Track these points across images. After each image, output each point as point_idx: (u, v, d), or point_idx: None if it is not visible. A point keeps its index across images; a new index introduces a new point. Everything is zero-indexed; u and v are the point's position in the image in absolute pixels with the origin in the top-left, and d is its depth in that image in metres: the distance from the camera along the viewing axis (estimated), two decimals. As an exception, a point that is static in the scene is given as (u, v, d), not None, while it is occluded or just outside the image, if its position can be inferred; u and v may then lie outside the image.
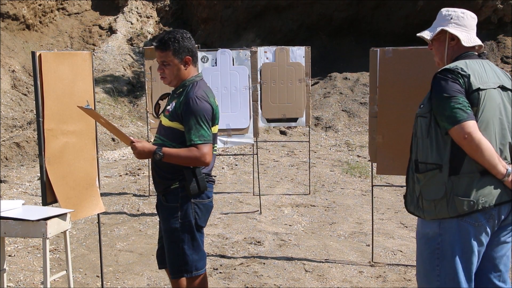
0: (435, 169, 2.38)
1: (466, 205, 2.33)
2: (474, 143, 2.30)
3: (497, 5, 13.62)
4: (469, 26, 2.61)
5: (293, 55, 6.58)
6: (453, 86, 2.38)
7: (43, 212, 3.02)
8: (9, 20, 12.50)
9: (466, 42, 2.55)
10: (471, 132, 2.29)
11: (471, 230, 2.35)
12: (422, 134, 2.44)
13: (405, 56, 4.31)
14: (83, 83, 3.39)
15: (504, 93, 2.47)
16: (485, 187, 2.35)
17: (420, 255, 2.47)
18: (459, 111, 2.33)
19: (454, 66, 2.44)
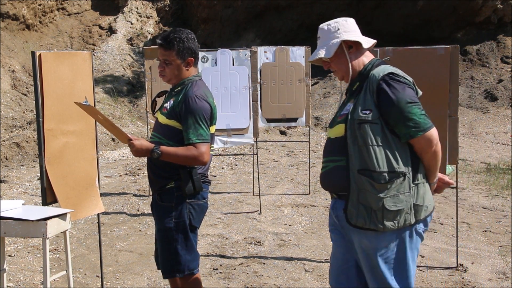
0: (399, 178, 2.27)
1: (423, 211, 2.34)
2: (437, 151, 2.31)
3: (497, 5, 13.63)
4: (356, 29, 2.50)
5: (293, 55, 6.58)
6: (411, 92, 2.31)
7: (43, 212, 3.02)
8: (9, 20, 12.50)
9: (366, 43, 2.45)
10: (438, 140, 2.30)
11: (420, 235, 2.38)
12: (375, 141, 2.27)
13: (405, 56, 4.31)
14: (83, 83, 3.39)
15: None
16: (429, 192, 2.39)
17: (375, 268, 2.34)
18: (426, 118, 2.29)
19: (395, 71, 2.34)
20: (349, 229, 2.38)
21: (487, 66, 13.50)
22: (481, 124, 11.48)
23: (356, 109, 2.31)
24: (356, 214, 2.31)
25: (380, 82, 2.29)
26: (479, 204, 6.31)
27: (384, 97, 2.27)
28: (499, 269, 4.33)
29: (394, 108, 2.25)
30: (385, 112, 2.27)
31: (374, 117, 2.27)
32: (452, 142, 4.23)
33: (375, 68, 2.37)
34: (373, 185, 2.26)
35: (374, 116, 2.27)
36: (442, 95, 4.21)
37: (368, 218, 2.29)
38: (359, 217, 2.31)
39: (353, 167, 2.31)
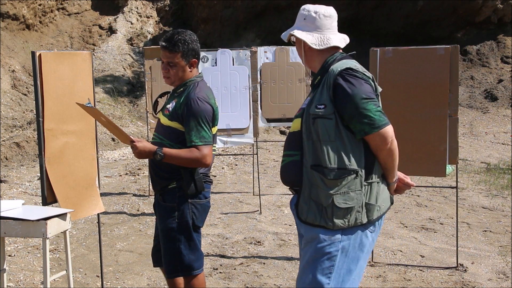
0: (351, 175, 2.21)
1: (375, 211, 2.27)
2: (393, 149, 2.25)
3: (497, 5, 13.62)
4: (324, 26, 2.37)
5: (293, 55, 6.58)
6: (368, 87, 2.24)
7: (43, 212, 3.02)
8: (9, 20, 12.50)
9: (316, 45, 2.35)
10: (393, 137, 2.23)
11: (370, 235, 2.30)
12: (328, 137, 2.22)
13: (405, 56, 4.31)
14: (83, 83, 3.39)
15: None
16: (384, 191, 2.32)
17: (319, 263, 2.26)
18: (381, 115, 2.22)
19: (354, 65, 2.29)
20: (300, 224, 2.36)
21: (487, 66, 13.50)
22: (481, 124, 11.48)
23: (312, 103, 2.27)
24: (306, 210, 2.28)
25: (337, 77, 2.24)
26: (479, 204, 6.31)
27: (340, 92, 2.21)
28: (499, 269, 4.33)
29: (349, 104, 2.20)
30: (340, 108, 2.21)
31: (328, 112, 2.22)
32: (452, 142, 4.23)
33: (336, 63, 2.31)
34: (324, 181, 2.22)
35: (328, 111, 2.22)
36: (442, 95, 4.21)
37: (318, 215, 2.24)
38: (309, 213, 2.27)
39: (306, 162, 2.27)
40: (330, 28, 2.39)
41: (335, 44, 2.36)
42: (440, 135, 4.23)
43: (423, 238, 5.15)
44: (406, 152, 4.32)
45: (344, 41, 2.42)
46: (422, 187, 6.94)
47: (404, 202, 6.44)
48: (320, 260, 2.25)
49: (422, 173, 4.52)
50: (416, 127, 4.27)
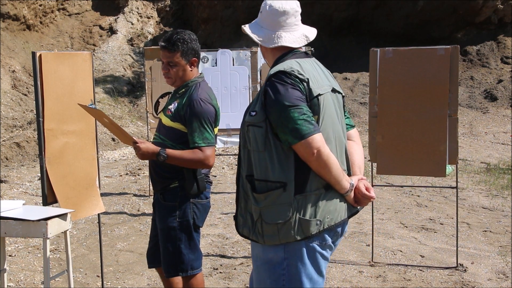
0: (278, 188, 2.03)
1: (314, 226, 2.06)
2: (323, 159, 2.01)
3: (497, 5, 13.63)
4: (276, 22, 2.20)
5: (293, 55, 6.58)
6: (294, 93, 2.03)
7: (44, 212, 3.02)
8: (10, 20, 12.51)
9: (264, 42, 2.21)
10: (320, 147, 2.00)
11: (318, 250, 2.11)
12: (257, 146, 2.06)
13: (405, 56, 4.32)
14: (83, 83, 3.40)
15: (334, 96, 2.20)
16: (330, 204, 2.10)
17: (262, 282, 2.14)
18: (305, 123, 2.00)
19: (290, 68, 2.09)
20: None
21: (487, 66, 13.50)
22: (481, 124, 11.48)
23: (249, 109, 2.15)
24: (243, 223, 2.15)
25: (266, 82, 2.10)
26: (479, 204, 6.31)
27: (267, 98, 2.06)
28: (499, 269, 4.34)
29: (273, 111, 2.03)
30: (268, 115, 2.05)
31: (258, 119, 2.06)
32: (452, 142, 4.23)
33: (279, 64, 2.15)
34: (252, 193, 2.08)
35: (258, 119, 2.06)
36: (442, 95, 4.22)
37: (252, 229, 2.11)
38: (245, 226, 2.14)
39: (242, 171, 2.15)
40: (285, 25, 2.20)
41: (284, 44, 2.18)
42: (440, 135, 4.23)
43: (423, 238, 5.15)
44: (406, 152, 4.33)
45: (300, 40, 2.21)
46: (422, 187, 6.94)
47: (404, 202, 6.45)
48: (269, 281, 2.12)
49: (422, 173, 4.53)
50: (416, 127, 4.28)
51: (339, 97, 2.26)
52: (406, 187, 6.94)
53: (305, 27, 2.28)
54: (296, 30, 2.22)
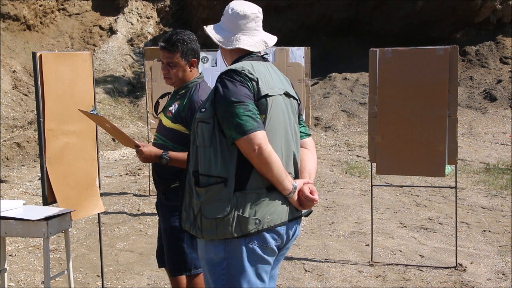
0: (219, 183, 2.07)
1: (251, 224, 2.06)
2: (264, 157, 2.02)
3: (496, 5, 13.64)
4: (236, 25, 2.25)
5: (292, 56, 6.59)
6: (241, 90, 2.08)
7: (44, 212, 3.03)
8: (10, 20, 12.52)
9: (223, 43, 2.27)
10: (261, 144, 2.02)
11: (259, 251, 2.10)
12: (203, 142, 2.11)
13: (405, 57, 4.33)
14: (84, 84, 3.41)
15: (287, 100, 2.23)
16: (272, 204, 2.10)
17: (207, 282, 2.18)
18: (249, 120, 2.03)
19: (241, 67, 2.14)
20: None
21: (486, 66, 13.51)
22: (480, 124, 11.49)
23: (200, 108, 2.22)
24: (185, 218, 2.19)
25: (217, 79, 2.15)
26: (478, 204, 6.32)
27: (216, 94, 2.11)
28: (498, 269, 4.35)
29: (220, 107, 2.09)
30: (216, 111, 2.11)
31: (207, 116, 2.12)
32: (451, 142, 4.24)
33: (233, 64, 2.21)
34: (196, 188, 2.13)
35: (207, 115, 2.12)
36: (442, 95, 4.23)
37: (193, 223, 2.14)
38: (187, 221, 2.18)
39: (190, 167, 2.20)
40: (244, 29, 2.26)
41: (242, 47, 2.24)
42: (439, 135, 4.24)
43: (423, 238, 5.16)
44: (406, 152, 4.34)
45: (259, 45, 2.26)
46: (422, 187, 6.95)
47: (403, 202, 6.46)
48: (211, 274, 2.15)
49: (421, 173, 4.54)
50: (415, 127, 4.29)
51: (294, 103, 2.28)
52: (405, 187, 6.95)
53: (266, 34, 2.33)
54: (255, 35, 2.28)
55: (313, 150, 2.37)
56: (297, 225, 2.25)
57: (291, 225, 2.19)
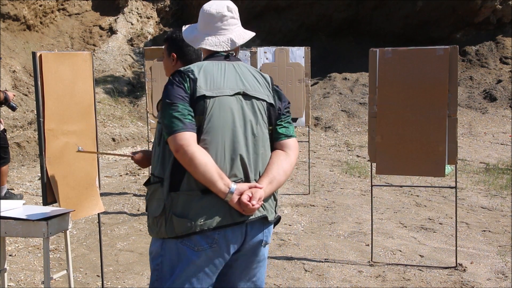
0: (157, 183, 2.13)
1: (182, 226, 2.06)
2: (187, 158, 2.02)
3: (496, 5, 13.64)
4: (204, 24, 2.27)
5: (292, 56, 6.60)
6: (176, 91, 2.10)
7: (44, 212, 3.03)
8: (10, 20, 12.52)
9: (193, 43, 2.29)
10: (183, 145, 2.02)
11: (190, 254, 2.08)
12: (155, 142, 2.20)
13: (405, 57, 4.33)
14: (84, 84, 3.41)
15: (246, 102, 2.17)
16: (206, 207, 2.07)
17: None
18: (176, 121, 2.05)
19: (187, 67, 2.17)
20: None
21: (486, 66, 13.51)
22: (480, 124, 11.49)
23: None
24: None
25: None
26: (478, 204, 6.32)
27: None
28: (498, 269, 4.35)
29: (160, 108, 2.17)
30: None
31: (159, 116, 2.18)
32: (451, 142, 4.25)
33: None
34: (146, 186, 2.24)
35: (159, 115, 2.18)
36: (441, 95, 4.23)
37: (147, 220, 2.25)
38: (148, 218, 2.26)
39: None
40: (211, 28, 2.25)
41: (204, 47, 2.25)
42: (439, 135, 4.24)
43: (422, 238, 5.16)
44: (405, 152, 4.34)
45: (224, 45, 2.24)
46: (421, 187, 6.95)
47: (403, 202, 6.46)
48: (150, 266, 2.20)
49: (421, 173, 4.54)
50: (415, 127, 4.29)
51: (257, 104, 2.19)
52: (405, 187, 6.95)
53: (237, 32, 2.28)
54: (223, 34, 2.26)
55: (291, 152, 2.24)
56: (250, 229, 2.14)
57: (236, 229, 2.10)
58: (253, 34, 2.37)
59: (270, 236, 2.27)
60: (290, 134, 2.27)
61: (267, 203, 2.18)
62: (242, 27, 2.34)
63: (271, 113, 2.23)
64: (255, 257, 2.24)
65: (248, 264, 2.24)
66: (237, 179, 2.11)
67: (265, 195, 2.13)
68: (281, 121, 2.26)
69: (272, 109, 2.23)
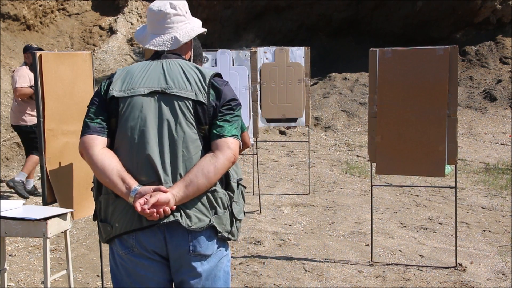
0: (93, 188, 2.14)
1: (105, 231, 2.05)
2: (87, 160, 2.03)
3: (496, 5, 13.64)
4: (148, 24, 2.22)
5: (292, 56, 6.59)
6: (94, 96, 2.12)
7: (44, 211, 3.03)
8: (10, 20, 12.52)
9: (141, 42, 2.24)
10: (83, 148, 2.04)
11: (117, 257, 2.07)
12: None
13: (404, 57, 4.33)
14: (84, 84, 3.41)
15: (165, 101, 2.04)
16: (119, 210, 2.01)
17: None
18: (84, 125, 2.07)
19: (117, 70, 2.17)
20: None
21: (486, 66, 13.51)
22: (480, 124, 11.49)
23: None
24: None
25: None
26: (478, 204, 6.32)
27: None
28: (498, 269, 4.35)
29: None
30: None
31: None
32: (451, 142, 4.24)
33: None
34: None
35: None
36: (441, 95, 4.23)
37: None
38: None
39: None
40: (156, 27, 2.19)
41: (147, 46, 2.19)
42: (439, 135, 4.24)
43: (422, 238, 5.16)
44: (405, 152, 4.34)
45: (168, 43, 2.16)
46: (421, 187, 6.95)
47: (403, 202, 6.46)
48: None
49: (421, 173, 4.54)
50: (415, 127, 4.29)
51: (179, 103, 2.04)
52: (405, 187, 6.95)
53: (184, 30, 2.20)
54: (168, 33, 2.17)
55: (220, 152, 2.03)
56: (168, 235, 1.99)
57: (148, 233, 1.98)
58: (202, 30, 2.26)
59: (202, 245, 2.03)
60: (222, 134, 2.06)
61: (191, 209, 1.99)
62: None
63: (199, 112, 2.05)
64: (188, 268, 2.04)
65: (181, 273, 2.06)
66: (147, 181, 1.98)
67: (179, 199, 1.96)
68: (216, 120, 2.08)
69: (201, 107, 2.05)
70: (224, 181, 2.11)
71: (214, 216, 2.05)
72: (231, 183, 2.13)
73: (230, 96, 2.15)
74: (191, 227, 1.99)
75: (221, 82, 2.15)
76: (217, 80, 2.15)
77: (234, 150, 2.06)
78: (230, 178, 2.13)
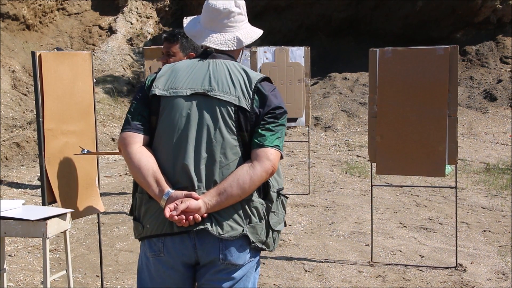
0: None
1: (136, 230, 2.05)
2: (125, 157, 2.00)
3: (496, 5, 13.64)
4: (207, 21, 2.11)
5: (292, 55, 6.59)
6: (138, 91, 2.07)
7: (43, 212, 3.02)
8: (9, 20, 12.51)
9: (197, 39, 2.15)
10: (122, 145, 2.00)
11: (144, 258, 2.05)
12: None
13: (405, 56, 4.32)
14: (83, 83, 3.40)
15: (206, 103, 1.97)
16: (151, 211, 1.98)
17: None
18: (125, 121, 2.03)
19: (160, 69, 2.12)
20: None
21: (486, 66, 13.51)
22: (480, 124, 11.49)
23: None
24: None
25: None
26: (478, 204, 6.32)
27: None
28: (498, 269, 4.34)
29: None
30: None
31: None
32: (451, 142, 4.24)
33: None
34: None
35: None
36: (442, 95, 4.22)
37: None
38: None
39: None
40: (216, 25, 2.11)
41: (207, 44, 2.10)
42: (439, 135, 4.24)
43: (423, 238, 5.16)
44: (405, 152, 4.34)
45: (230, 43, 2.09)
46: (422, 187, 6.95)
47: (403, 202, 6.45)
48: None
49: (421, 173, 4.54)
50: (415, 127, 4.29)
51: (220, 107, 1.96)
52: (405, 187, 6.95)
53: (245, 30, 2.12)
54: (229, 32, 2.09)
55: (258, 163, 1.94)
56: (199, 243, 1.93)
57: (176, 240, 1.94)
58: (261, 32, 2.17)
59: (234, 254, 1.97)
60: (263, 143, 1.96)
61: (223, 217, 1.93)
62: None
63: (241, 117, 1.96)
64: (217, 275, 1.99)
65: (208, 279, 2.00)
66: (182, 186, 1.93)
67: (210, 207, 1.90)
68: (258, 127, 1.98)
69: (243, 113, 1.96)
70: (262, 190, 2.02)
71: (248, 225, 1.99)
72: (270, 193, 2.03)
73: (276, 103, 2.01)
74: (222, 235, 1.93)
75: (268, 88, 2.02)
76: (264, 85, 2.02)
77: (274, 162, 1.96)
78: (269, 187, 2.03)
